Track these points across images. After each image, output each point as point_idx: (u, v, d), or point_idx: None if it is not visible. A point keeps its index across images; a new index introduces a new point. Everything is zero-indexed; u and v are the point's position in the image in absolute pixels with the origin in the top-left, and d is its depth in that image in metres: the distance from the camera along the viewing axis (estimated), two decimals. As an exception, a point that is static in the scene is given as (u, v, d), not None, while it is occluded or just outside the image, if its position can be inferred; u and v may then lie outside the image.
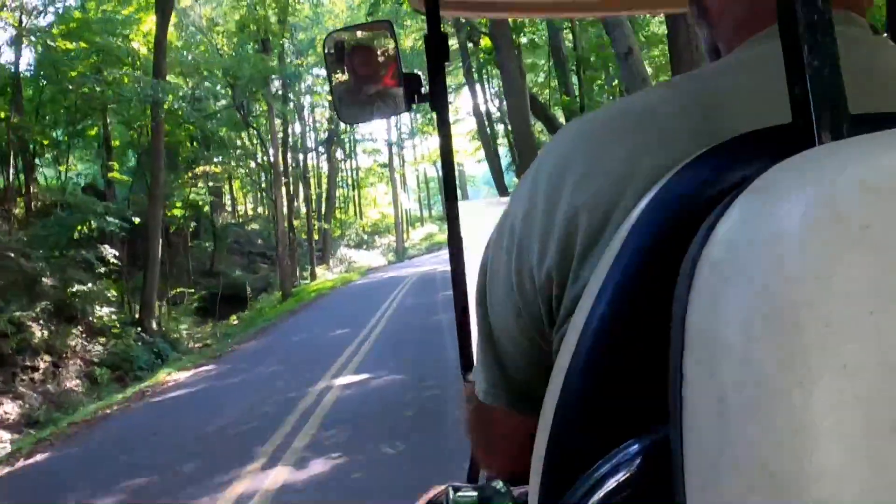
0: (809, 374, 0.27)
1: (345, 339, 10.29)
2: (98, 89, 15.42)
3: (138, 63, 16.72)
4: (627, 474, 0.39)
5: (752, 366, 0.29)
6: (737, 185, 0.37)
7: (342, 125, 35.43)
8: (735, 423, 0.29)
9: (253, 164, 27.15)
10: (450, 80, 29.13)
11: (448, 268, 1.03)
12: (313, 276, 28.82)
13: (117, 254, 14.86)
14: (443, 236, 42.98)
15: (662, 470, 0.35)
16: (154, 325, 15.95)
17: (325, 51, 1.19)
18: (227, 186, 29.53)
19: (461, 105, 36.64)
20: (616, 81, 14.62)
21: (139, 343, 14.92)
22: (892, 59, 0.54)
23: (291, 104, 28.62)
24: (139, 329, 15.35)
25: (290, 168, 28.93)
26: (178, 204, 23.43)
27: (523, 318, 0.57)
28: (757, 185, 0.34)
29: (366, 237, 40.40)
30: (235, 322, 21.40)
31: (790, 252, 0.29)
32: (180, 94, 19.85)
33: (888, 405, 0.26)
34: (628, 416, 0.41)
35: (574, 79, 16.18)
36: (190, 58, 19.20)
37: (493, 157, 20.40)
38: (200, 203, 24.30)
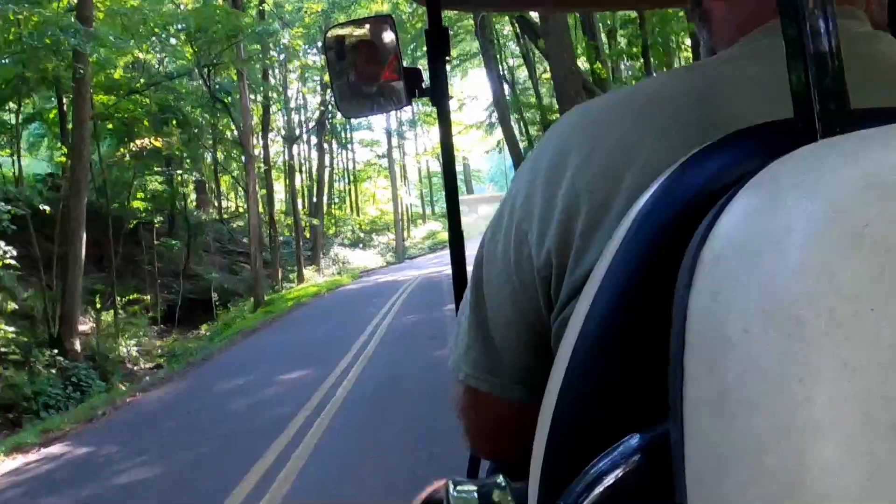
0: (810, 371, 0.27)
1: (295, 398, 6.42)
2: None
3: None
4: (628, 469, 0.39)
5: (753, 361, 0.29)
6: (739, 180, 0.37)
7: (334, 108, 31.88)
8: (735, 418, 0.29)
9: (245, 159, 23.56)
10: (456, 52, 25.55)
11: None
12: (300, 279, 25.40)
13: (15, 252, 11.06)
14: (447, 234, 39.55)
15: (663, 465, 0.35)
16: (78, 346, 12.30)
17: (325, 45, 1.18)
18: (213, 182, 26.13)
19: (465, 87, 33.01)
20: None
21: (53, 370, 11.35)
22: (892, 52, 0.54)
23: (273, 78, 24.91)
24: (56, 352, 11.73)
25: (274, 155, 25.35)
26: (140, 195, 19.95)
27: (520, 300, 0.57)
28: (759, 181, 0.34)
29: (363, 235, 36.87)
30: (206, 333, 17.87)
31: (791, 248, 0.29)
32: (132, 58, 16.33)
33: (888, 403, 0.26)
34: (629, 412, 0.41)
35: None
36: (137, 6, 15.36)
37: (512, 140, 16.76)
38: (167, 194, 20.86)
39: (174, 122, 18.47)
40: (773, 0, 0.40)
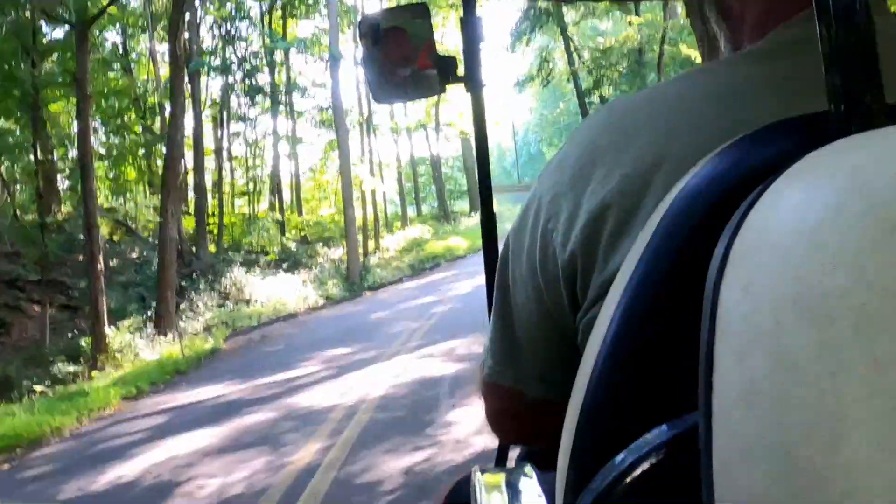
0: (840, 365, 0.27)
1: None
2: None
3: None
4: (655, 460, 0.40)
5: (783, 354, 0.29)
6: (772, 172, 0.36)
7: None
8: (764, 411, 0.29)
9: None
10: None
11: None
12: (93, 362, 10.50)
13: None
14: (440, 245, 24.52)
15: (690, 457, 0.35)
16: None
17: (360, 33, 1.18)
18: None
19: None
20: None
21: None
22: None
23: None
24: None
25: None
26: None
27: (545, 299, 0.58)
28: (791, 173, 0.34)
29: (295, 248, 21.83)
30: None
31: (823, 241, 0.29)
32: None
33: None
34: (658, 404, 0.42)
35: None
36: None
37: None
38: None
39: None
40: None
